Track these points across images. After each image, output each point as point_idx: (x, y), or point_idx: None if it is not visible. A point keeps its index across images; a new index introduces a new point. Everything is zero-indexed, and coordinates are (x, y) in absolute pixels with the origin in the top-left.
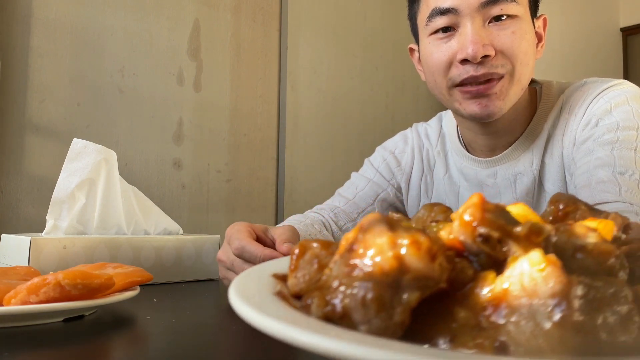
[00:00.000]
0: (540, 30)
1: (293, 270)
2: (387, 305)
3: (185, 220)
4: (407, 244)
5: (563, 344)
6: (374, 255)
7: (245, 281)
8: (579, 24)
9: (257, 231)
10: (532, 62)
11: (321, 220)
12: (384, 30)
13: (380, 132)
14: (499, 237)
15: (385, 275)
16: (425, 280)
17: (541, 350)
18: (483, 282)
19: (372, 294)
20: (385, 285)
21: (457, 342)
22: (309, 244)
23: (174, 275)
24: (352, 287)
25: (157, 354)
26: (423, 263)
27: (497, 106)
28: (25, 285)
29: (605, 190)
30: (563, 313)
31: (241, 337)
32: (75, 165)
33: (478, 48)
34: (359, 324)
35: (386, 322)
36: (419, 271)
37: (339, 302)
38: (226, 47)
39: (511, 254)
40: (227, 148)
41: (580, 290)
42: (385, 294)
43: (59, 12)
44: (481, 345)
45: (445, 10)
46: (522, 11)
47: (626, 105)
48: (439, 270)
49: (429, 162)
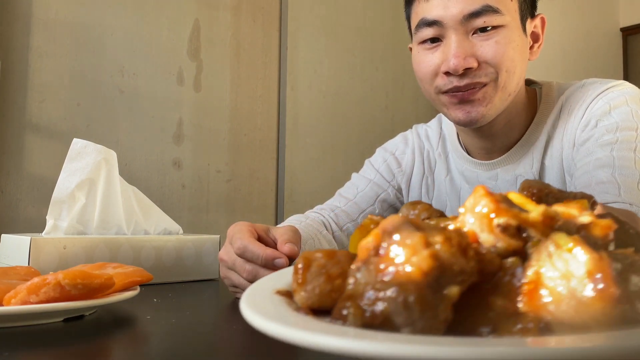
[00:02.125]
0: (537, 30)
1: (301, 285)
2: (430, 304)
3: (185, 220)
4: (441, 241)
5: (606, 316)
6: (408, 256)
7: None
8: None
9: (258, 231)
10: (519, 68)
11: (322, 220)
12: (384, 30)
13: (380, 132)
14: (517, 225)
15: (423, 275)
16: (462, 274)
17: (586, 325)
18: (512, 269)
19: (414, 295)
20: (426, 285)
21: (500, 330)
22: (313, 256)
23: (174, 275)
24: (389, 291)
25: (157, 354)
26: (458, 258)
27: (479, 112)
28: (25, 285)
29: (605, 191)
30: (602, 286)
31: (241, 337)
32: (75, 165)
33: (459, 61)
34: (403, 327)
35: (431, 321)
36: (456, 266)
37: (378, 308)
38: (226, 47)
39: (530, 239)
40: (227, 148)
41: (613, 263)
42: (427, 294)
43: (59, 12)
44: (526, 330)
45: (431, 22)
46: (508, 20)
47: (625, 106)
48: (472, 263)
49: (430, 163)
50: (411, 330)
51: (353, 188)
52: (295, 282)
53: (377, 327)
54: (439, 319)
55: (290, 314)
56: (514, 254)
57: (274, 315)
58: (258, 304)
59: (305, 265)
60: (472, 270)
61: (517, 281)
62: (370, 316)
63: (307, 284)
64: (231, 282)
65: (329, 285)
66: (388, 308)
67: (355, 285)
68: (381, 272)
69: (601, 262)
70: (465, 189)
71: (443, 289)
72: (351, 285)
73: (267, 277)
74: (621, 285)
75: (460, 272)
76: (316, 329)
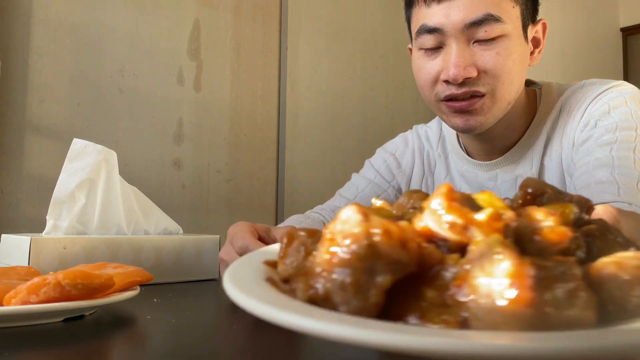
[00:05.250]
0: (538, 35)
1: (282, 258)
2: (363, 287)
3: (185, 220)
4: (380, 233)
5: (516, 319)
6: (351, 244)
7: (239, 268)
8: (579, 24)
9: (259, 231)
10: (517, 78)
11: (322, 221)
12: (384, 30)
13: (380, 132)
14: (463, 224)
15: (360, 261)
16: (396, 264)
17: (497, 324)
18: (448, 264)
19: (350, 279)
20: (361, 270)
21: (426, 318)
22: (296, 233)
23: (174, 275)
24: (332, 272)
25: (157, 354)
26: (394, 249)
27: (478, 121)
28: (25, 285)
29: (604, 191)
30: (516, 291)
31: (241, 337)
32: (76, 165)
33: (459, 71)
34: (339, 305)
35: (363, 302)
36: (390, 257)
37: (322, 286)
38: (226, 47)
39: (473, 238)
40: (227, 148)
41: (531, 270)
42: (361, 278)
43: (59, 12)
44: (446, 321)
45: (432, 29)
46: (510, 29)
47: (624, 107)
48: (408, 255)
49: (430, 164)
50: (346, 309)
51: (353, 188)
52: (278, 256)
53: (320, 303)
54: (370, 302)
55: (255, 281)
56: (461, 250)
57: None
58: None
59: (289, 241)
60: (410, 261)
61: (449, 276)
62: (314, 292)
63: (287, 257)
64: None
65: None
66: (328, 287)
67: (311, 264)
68: (330, 254)
69: (520, 268)
70: (464, 190)
71: (377, 276)
72: (309, 263)
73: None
74: (536, 292)
75: (395, 262)
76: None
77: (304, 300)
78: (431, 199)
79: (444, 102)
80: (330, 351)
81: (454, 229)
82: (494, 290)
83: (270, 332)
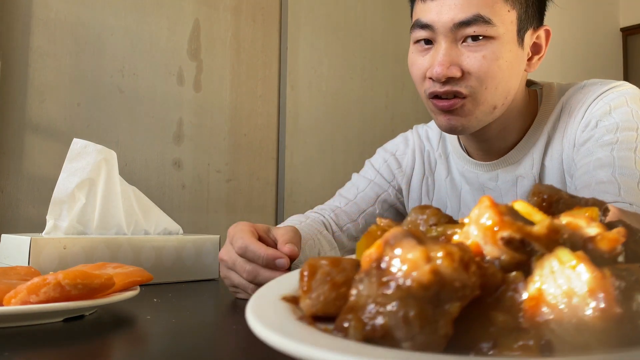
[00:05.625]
0: (539, 41)
1: (306, 292)
2: (430, 319)
3: (185, 220)
4: (442, 256)
5: (607, 336)
6: (409, 271)
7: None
8: (579, 24)
9: (259, 231)
10: (503, 84)
11: (322, 221)
12: (384, 30)
13: (380, 132)
14: (521, 239)
15: (424, 290)
16: (463, 289)
17: (587, 344)
18: (514, 284)
19: (415, 310)
20: (426, 300)
21: (501, 345)
22: (318, 263)
23: (174, 275)
24: (390, 305)
25: (157, 354)
26: (459, 273)
27: (460, 122)
28: (25, 285)
29: (605, 191)
30: (603, 306)
31: (241, 337)
32: (75, 165)
33: (442, 70)
34: (403, 341)
35: (431, 336)
36: (457, 281)
37: (379, 322)
38: (226, 47)
39: (534, 253)
40: (227, 148)
41: (616, 282)
42: (427, 309)
43: (59, 12)
44: (526, 347)
45: (424, 24)
46: (501, 32)
47: (625, 107)
48: (472, 279)
49: (430, 164)
50: (411, 344)
51: (353, 188)
52: (301, 289)
53: (378, 340)
54: (439, 334)
55: (292, 323)
56: (518, 267)
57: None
58: (262, 311)
59: (311, 273)
60: (474, 285)
61: (519, 296)
62: (371, 329)
63: (312, 291)
64: (231, 282)
65: (334, 292)
66: (388, 322)
67: (357, 297)
68: (383, 285)
69: (603, 281)
70: (465, 190)
71: (444, 304)
72: (353, 297)
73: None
74: (624, 304)
75: (462, 288)
76: (316, 342)
77: (360, 339)
78: (478, 215)
79: (432, 100)
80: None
81: (510, 245)
82: (579, 307)
83: None
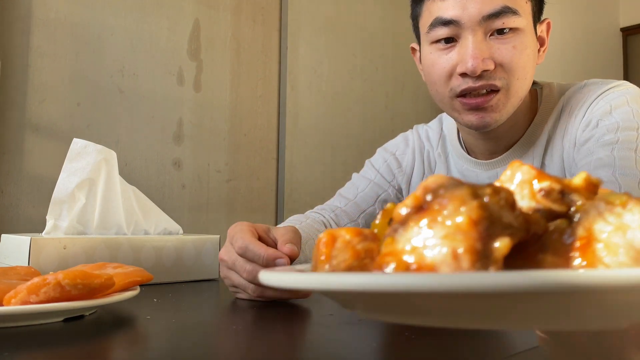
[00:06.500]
0: (543, 34)
1: (325, 260)
2: (480, 255)
3: (185, 220)
4: (489, 193)
5: None
6: (457, 206)
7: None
8: (579, 24)
9: (259, 231)
10: (530, 74)
11: (322, 221)
12: (384, 30)
13: (380, 132)
14: (561, 189)
15: (473, 225)
16: (510, 228)
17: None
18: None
19: (464, 246)
20: (476, 235)
21: None
22: (338, 232)
23: (174, 275)
24: (437, 242)
25: (157, 354)
26: (507, 211)
27: (493, 118)
28: (25, 285)
29: None
30: None
31: (241, 337)
32: (75, 165)
33: (477, 63)
34: None
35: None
36: (505, 219)
37: (424, 261)
38: (226, 47)
39: (574, 203)
40: (227, 148)
41: None
42: (477, 244)
43: (59, 12)
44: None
45: (447, 21)
46: (525, 23)
47: (626, 107)
48: (519, 219)
49: (430, 164)
50: None
51: (353, 188)
52: (317, 259)
53: None
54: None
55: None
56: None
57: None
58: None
59: (330, 240)
60: (520, 225)
61: (567, 238)
62: (417, 269)
63: (332, 259)
64: (231, 282)
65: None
66: (435, 259)
67: (394, 243)
68: (426, 224)
69: None
70: None
71: (493, 240)
72: (389, 245)
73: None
74: None
75: (509, 225)
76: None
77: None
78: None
79: (459, 99)
80: (330, 350)
81: (550, 196)
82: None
83: (270, 331)
